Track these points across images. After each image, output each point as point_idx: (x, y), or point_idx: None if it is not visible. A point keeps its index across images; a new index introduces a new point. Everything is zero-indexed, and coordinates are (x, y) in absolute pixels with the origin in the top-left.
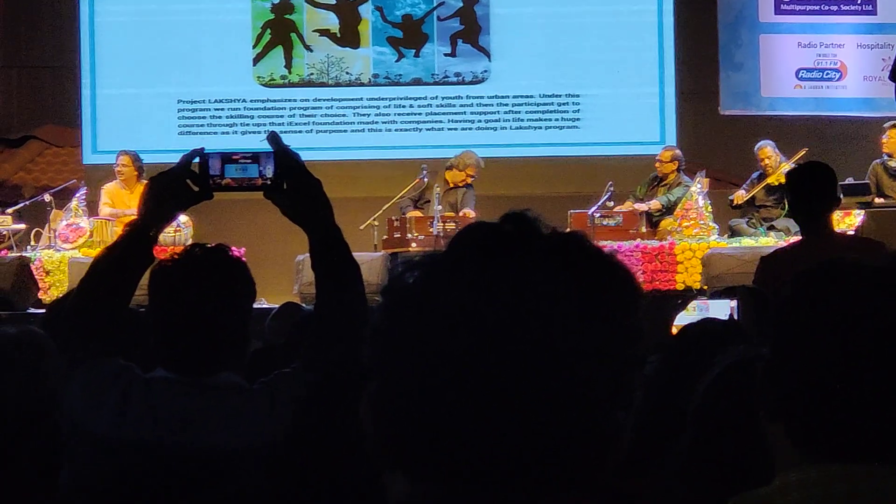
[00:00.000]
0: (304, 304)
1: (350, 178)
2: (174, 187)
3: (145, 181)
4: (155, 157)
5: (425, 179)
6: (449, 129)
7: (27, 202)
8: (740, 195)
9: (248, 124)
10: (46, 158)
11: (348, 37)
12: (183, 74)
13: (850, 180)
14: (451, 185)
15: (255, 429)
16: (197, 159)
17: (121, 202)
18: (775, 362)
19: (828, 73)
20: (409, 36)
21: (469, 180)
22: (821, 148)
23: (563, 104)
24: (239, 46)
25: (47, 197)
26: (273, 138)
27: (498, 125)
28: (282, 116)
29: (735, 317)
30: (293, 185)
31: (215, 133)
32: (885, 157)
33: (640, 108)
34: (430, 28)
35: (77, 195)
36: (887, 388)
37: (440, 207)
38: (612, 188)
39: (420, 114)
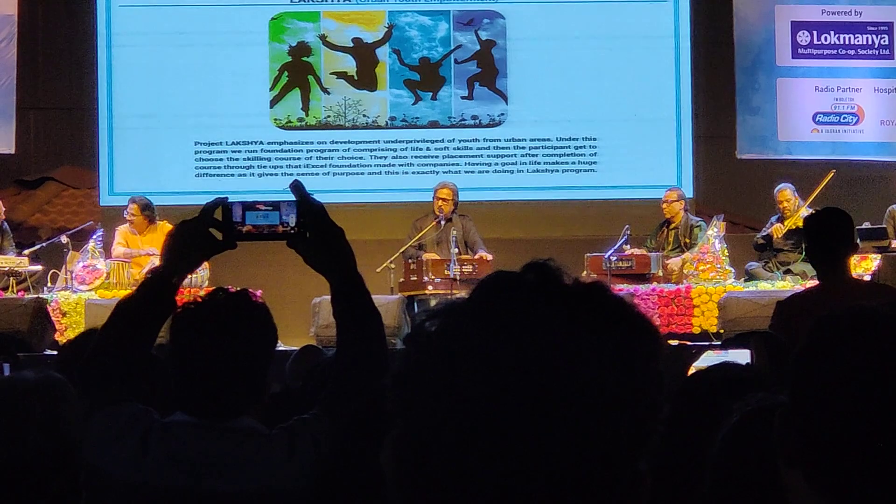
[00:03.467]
0: (320, 347)
1: (366, 220)
2: (197, 236)
3: (158, 224)
4: (172, 199)
5: (442, 223)
6: (466, 171)
7: (44, 243)
8: (779, 227)
9: (265, 166)
10: (63, 200)
11: (365, 79)
12: (200, 117)
13: (867, 225)
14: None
15: (273, 473)
16: (220, 208)
17: (134, 244)
18: (793, 408)
19: (845, 118)
20: (427, 79)
21: (444, 206)
22: (838, 192)
23: (580, 147)
24: (256, 89)
25: (64, 238)
26: (296, 187)
27: (515, 168)
28: (298, 159)
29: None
30: (316, 234)
31: (232, 175)
32: None
33: (657, 152)
34: (447, 71)
35: (94, 237)
36: None
37: (456, 250)
38: (628, 232)
39: (437, 157)
